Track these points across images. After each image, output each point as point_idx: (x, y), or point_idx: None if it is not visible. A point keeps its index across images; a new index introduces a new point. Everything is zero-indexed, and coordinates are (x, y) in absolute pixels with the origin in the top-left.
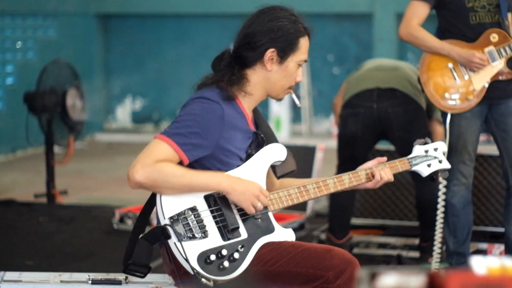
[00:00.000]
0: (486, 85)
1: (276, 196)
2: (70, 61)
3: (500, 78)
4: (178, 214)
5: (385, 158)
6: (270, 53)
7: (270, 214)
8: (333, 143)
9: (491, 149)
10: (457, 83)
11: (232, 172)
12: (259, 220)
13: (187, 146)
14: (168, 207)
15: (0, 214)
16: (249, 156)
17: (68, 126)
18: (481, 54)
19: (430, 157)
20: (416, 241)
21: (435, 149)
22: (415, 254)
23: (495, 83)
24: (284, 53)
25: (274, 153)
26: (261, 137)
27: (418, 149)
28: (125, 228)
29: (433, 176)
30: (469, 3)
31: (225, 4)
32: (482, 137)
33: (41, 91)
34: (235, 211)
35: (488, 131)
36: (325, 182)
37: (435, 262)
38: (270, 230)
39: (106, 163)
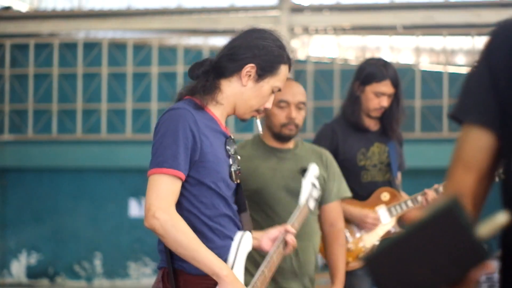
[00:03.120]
0: (377, 243)
1: None
2: None
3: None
4: None
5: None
6: (250, 68)
7: None
8: None
9: None
10: (348, 240)
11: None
12: None
13: (179, 164)
14: None
15: None
16: (233, 157)
17: None
18: (374, 215)
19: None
20: None
21: (315, 176)
22: None
23: None
24: (262, 72)
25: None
26: (233, 139)
27: (305, 187)
28: None
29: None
30: (360, 162)
31: (122, 159)
32: None
33: None
34: None
35: None
36: None
37: None
38: None
39: None
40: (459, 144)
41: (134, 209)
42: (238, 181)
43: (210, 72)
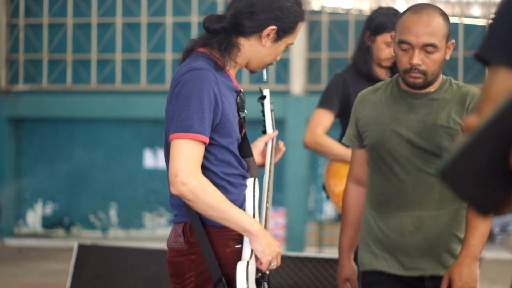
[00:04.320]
0: None
1: None
2: None
3: None
4: None
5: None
6: (270, 30)
7: None
8: None
9: None
10: (335, 188)
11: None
12: None
13: (204, 129)
14: None
15: None
16: (240, 123)
17: None
18: None
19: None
20: None
21: (271, 103)
22: None
23: None
24: (282, 33)
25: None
26: (243, 94)
27: (268, 115)
28: None
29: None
30: None
31: (137, 109)
32: None
33: None
34: None
35: None
36: None
37: None
38: None
39: (16, 268)
40: (486, 85)
41: (149, 159)
42: (243, 134)
43: (229, 29)
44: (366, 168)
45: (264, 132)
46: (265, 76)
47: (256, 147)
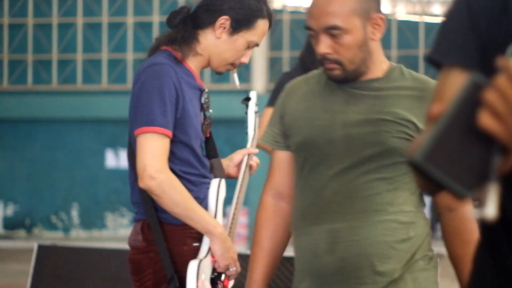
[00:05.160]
0: None
1: None
2: None
3: None
4: None
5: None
6: (224, 20)
7: None
8: None
9: None
10: None
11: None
12: None
13: (167, 122)
14: None
15: None
16: (205, 117)
17: None
18: None
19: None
20: None
21: (257, 104)
22: None
23: None
24: (237, 25)
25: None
26: (207, 93)
27: (251, 117)
28: None
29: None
30: None
31: (98, 109)
32: None
33: None
34: None
35: None
36: None
37: None
38: None
39: None
40: (439, 87)
41: (111, 160)
42: (208, 135)
43: (187, 21)
44: (290, 178)
45: (247, 133)
46: (236, 82)
47: (233, 159)
